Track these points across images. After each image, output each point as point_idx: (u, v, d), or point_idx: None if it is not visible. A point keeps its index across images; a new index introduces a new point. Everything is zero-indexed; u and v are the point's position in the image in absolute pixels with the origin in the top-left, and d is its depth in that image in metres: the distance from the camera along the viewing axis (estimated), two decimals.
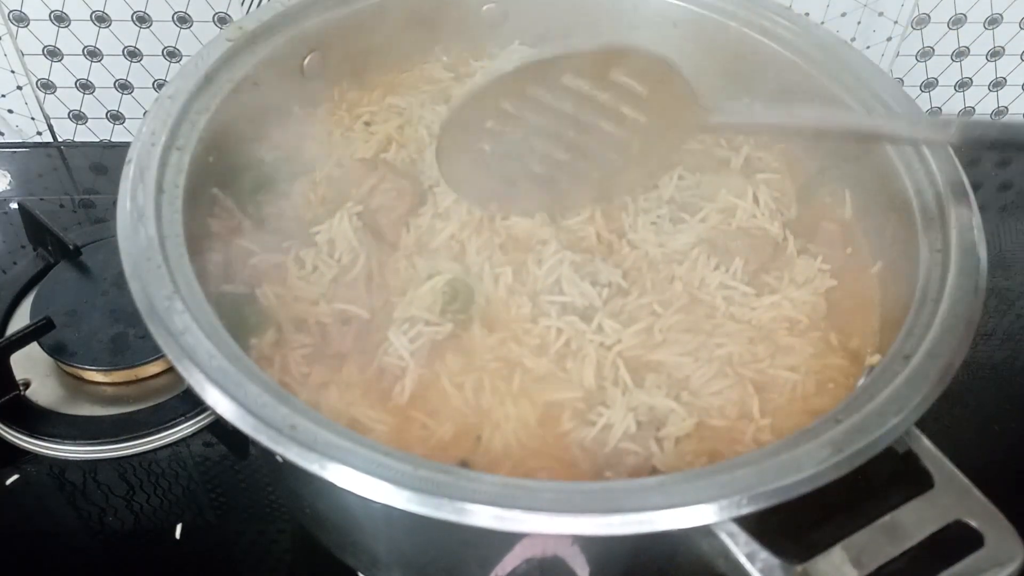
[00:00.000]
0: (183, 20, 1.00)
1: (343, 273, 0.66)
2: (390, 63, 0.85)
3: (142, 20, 0.99)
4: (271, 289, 0.65)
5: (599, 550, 0.55)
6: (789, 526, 0.48)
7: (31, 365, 0.84)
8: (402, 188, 0.71)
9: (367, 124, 0.80)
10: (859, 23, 1.07)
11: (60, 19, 0.99)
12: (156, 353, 0.78)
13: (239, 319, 0.62)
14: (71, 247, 0.90)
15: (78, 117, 1.09)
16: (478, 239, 0.69)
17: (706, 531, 0.47)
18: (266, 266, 0.67)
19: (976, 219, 0.63)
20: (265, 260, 0.67)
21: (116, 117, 1.09)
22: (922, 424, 0.52)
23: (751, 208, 0.72)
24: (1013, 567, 0.48)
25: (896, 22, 1.07)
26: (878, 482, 0.51)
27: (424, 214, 0.71)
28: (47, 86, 1.05)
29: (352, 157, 0.75)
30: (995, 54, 1.12)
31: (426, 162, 0.75)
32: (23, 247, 0.96)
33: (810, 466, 0.48)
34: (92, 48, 1.02)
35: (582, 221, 0.72)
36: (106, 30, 1.00)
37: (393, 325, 0.64)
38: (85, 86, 1.05)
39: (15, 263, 0.94)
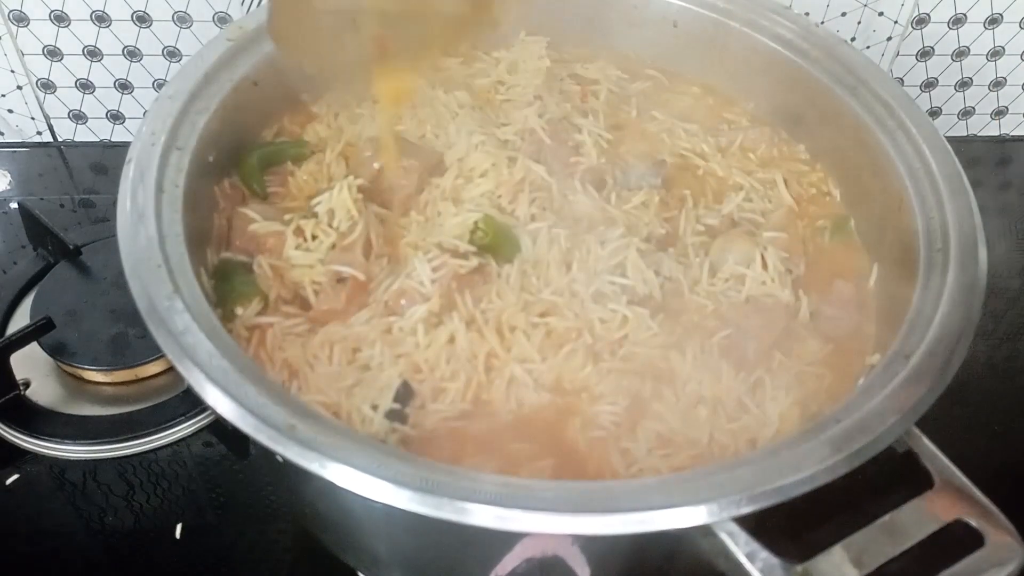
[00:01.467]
0: (183, 20, 1.00)
1: (341, 239, 0.67)
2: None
3: (142, 20, 0.99)
4: (267, 260, 0.66)
5: (599, 549, 0.55)
6: (789, 525, 0.48)
7: (31, 365, 0.84)
8: (409, 166, 0.71)
9: (375, 102, 0.79)
10: (859, 23, 1.07)
11: (60, 19, 0.99)
12: (156, 353, 0.78)
13: (229, 287, 0.64)
14: (71, 247, 0.90)
15: (78, 117, 1.09)
16: (527, 198, 0.70)
17: (706, 530, 0.47)
18: (265, 234, 0.67)
19: (976, 219, 0.63)
20: (265, 227, 0.67)
21: (116, 117, 1.09)
22: (922, 424, 0.52)
23: (760, 275, 0.69)
24: (1013, 567, 0.48)
25: (896, 22, 1.07)
26: (878, 482, 0.51)
27: (447, 177, 0.72)
28: (47, 86, 1.05)
29: (360, 137, 0.76)
30: (995, 54, 1.12)
31: (449, 135, 0.75)
32: (23, 247, 0.96)
33: (810, 466, 0.49)
34: (92, 48, 1.02)
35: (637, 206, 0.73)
36: (106, 30, 1.00)
37: (419, 251, 0.66)
38: (85, 86, 1.05)
39: (15, 263, 0.94)
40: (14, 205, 0.99)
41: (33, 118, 1.08)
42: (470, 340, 0.63)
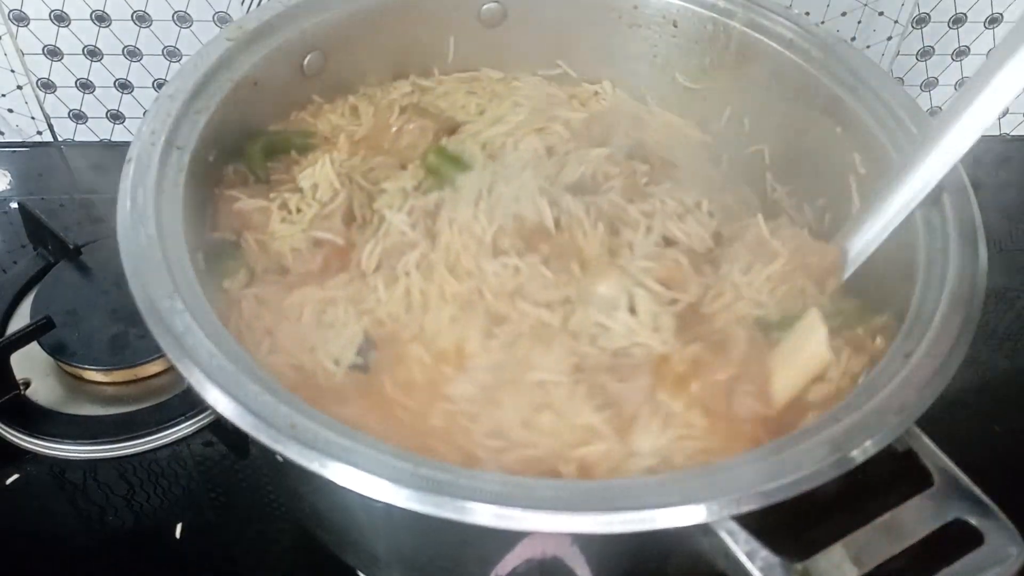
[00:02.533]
0: (183, 19, 1.00)
1: (322, 209, 0.69)
2: (390, 63, 0.85)
3: (142, 19, 1.00)
4: (253, 236, 0.68)
5: (599, 549, 0.55)
6: (789, 524, 0.48)
7: (31, 365, 0.84)
8: (424, 125, 0.76)
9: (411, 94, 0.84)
10: (859, 22, 1.07)
11: (60, 18, 0.99)
12: (156, 352, 0.79)
13: (219, 266, 0.65)
14: (71, 246, 0.90)
15: (78, 116, 1.09)
16: None
17: (706, 529, 0.47)
18: (250, 210, 0.69)
19: (976, 219, 0.63)
20: (249, 204, 0.69)
21: (116, 116, 1.09)
22: (922, 423, 0.52)
23: (627, 324, 0.61)
24: (1013, 565, 0.48)
25: (896, 21, 1.07)
26: (878, 480, 0.51)
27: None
28: (47, 85, 1.05)
29: (384, 101, 0.80)
30: None
31: (457, 101, 0.81)
32: (23, 246, 0.96)
33: (810, 464, 0.48)
34: (92, 47, 1.02)
35: None
36: (106, 29, 1.00)
37: (386, 207, 0.69)
38: (85, 85, 1.05)
39: (15, 262, 0.94)
40: (14, 205, 1.00)
41: (33, 118, 1.08)
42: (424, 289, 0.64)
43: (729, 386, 0.58)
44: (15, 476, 0.78)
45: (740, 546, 0.47)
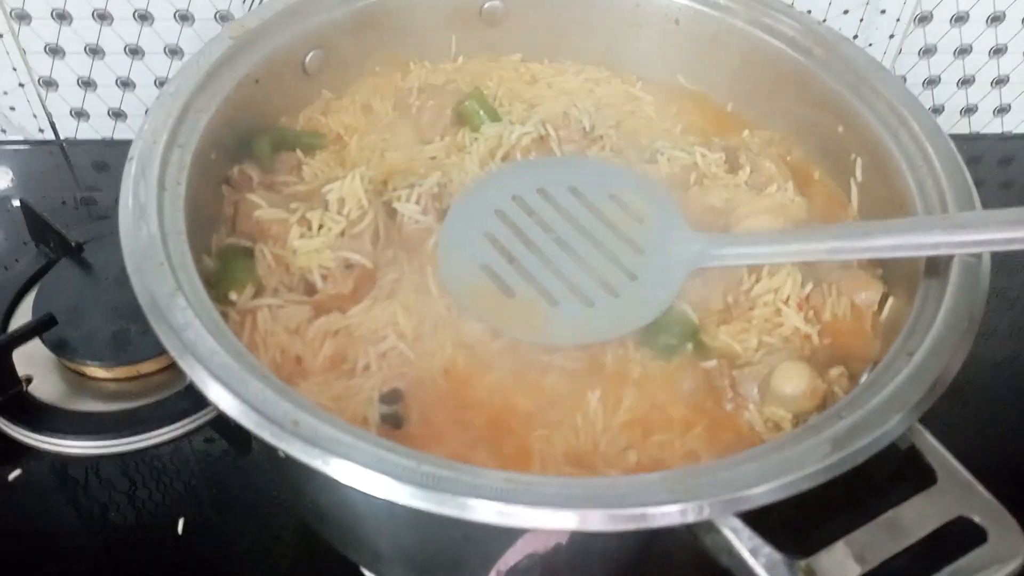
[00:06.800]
0: (185, 18, 1.00)
1: (350, 227, 0.68)
2: (391, 61, 0.85)
3: (144, 17, 0.99)
4: (270, 249, 0.67)
5: (602, 544, 0.55)
6: (792, 522, 0.48)
7: (33, 361, 0.84)
8: (442, 102, 0.79)
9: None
10: (861, 20, 1.07)
11: (62, 16, 0.99)
12: (158, 349, 0.77)
13: (226, 270, 0.65)
14: (73, 244, 0.90)
15: (80, 114, 1.09)
16: None
17: (709, 526, 0.47)
18: (269, 220, 0.68)
19: None
20: (269, 215, 0.68)
21: (118, 114, 1.09)
22: (924, 421, 0.52)
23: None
24: (1016, 563, 0.48)
25: (898, 19, 1.07)
26: (881, 478, 0.51)
27: None
28: (49, 84, 1.05)
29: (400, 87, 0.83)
30: (997, 51, 1.12)
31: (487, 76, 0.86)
32: (25, 244, 0.96)
33: (813, 462, 0.48)
34: (94, 46, 1.02)
35: None
36: (108, 27, 1.00)
37: (395, 202, 0.70)
38: (87, 83, 1.05)
39: (17, 260, 0.94)
40: (16, 202, 0.99)
41: (35, 116, 1.08)
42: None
43: None
44: (17, 472, 0.78)
45: (743, 543, 0.47)
